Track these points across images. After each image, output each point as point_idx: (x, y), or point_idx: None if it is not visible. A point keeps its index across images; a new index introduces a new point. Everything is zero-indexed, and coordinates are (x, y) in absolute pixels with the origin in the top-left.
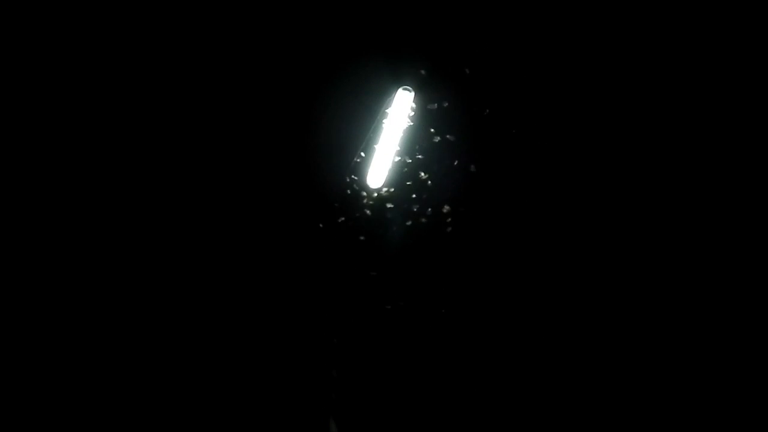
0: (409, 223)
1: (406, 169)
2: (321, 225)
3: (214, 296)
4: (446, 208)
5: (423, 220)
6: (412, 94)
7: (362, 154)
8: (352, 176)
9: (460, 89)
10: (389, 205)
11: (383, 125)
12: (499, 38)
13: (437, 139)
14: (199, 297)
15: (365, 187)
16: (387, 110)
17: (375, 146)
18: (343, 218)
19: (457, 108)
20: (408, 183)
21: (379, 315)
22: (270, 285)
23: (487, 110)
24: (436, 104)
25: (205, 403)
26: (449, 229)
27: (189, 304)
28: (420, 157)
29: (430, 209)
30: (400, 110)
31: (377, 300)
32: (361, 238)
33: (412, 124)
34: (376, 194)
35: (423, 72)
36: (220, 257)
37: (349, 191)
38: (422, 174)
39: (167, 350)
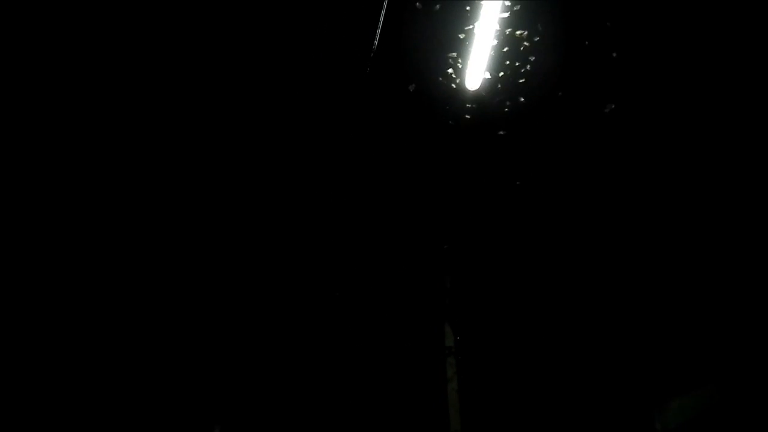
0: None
1: (501, 69)
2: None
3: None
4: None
5: (522, 115)
6: None
7: (455, 54)
8: (451, 75)
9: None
10: (487, 104)
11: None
12: None
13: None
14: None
15: (463, 87)
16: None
17: (471, 45)
18: (444, 120)
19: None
20: (505, 79)
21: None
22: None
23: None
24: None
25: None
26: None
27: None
28: (511, 54)
29: (527, 105)
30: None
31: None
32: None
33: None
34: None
35: None
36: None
37: (447, 91)
38: (519, 69)
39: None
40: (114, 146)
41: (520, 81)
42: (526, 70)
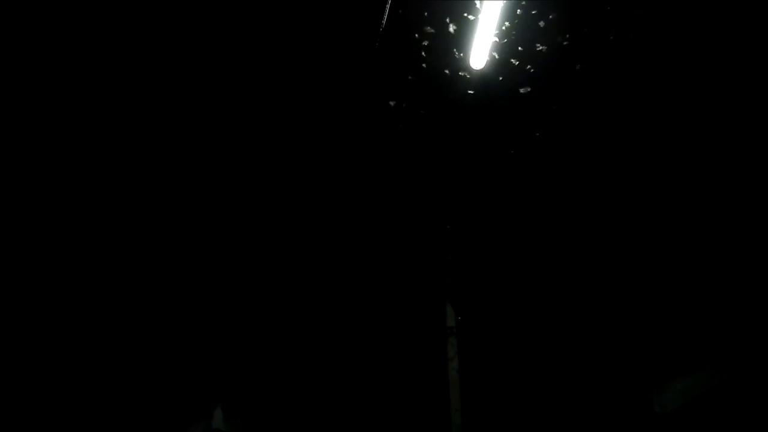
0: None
1: (505, 49)
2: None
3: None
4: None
5: (528, 96)
6: None
7: (453, 27)
8: (457, 53)
9: None
10: (493, 83)
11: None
12: None
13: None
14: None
15: (468, 67)
16: None
17: (474, 23)
18: (449, 97)
19: None
20: (511, 60)
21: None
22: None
23: None
24: None
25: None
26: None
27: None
28: (516, 34)
29: (532, 87)
30: None
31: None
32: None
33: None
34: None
35: None
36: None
37: (450, 71)
38: (523, 51)
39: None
40: (106, 144)
41: (528, 66)
42: (535, 52)
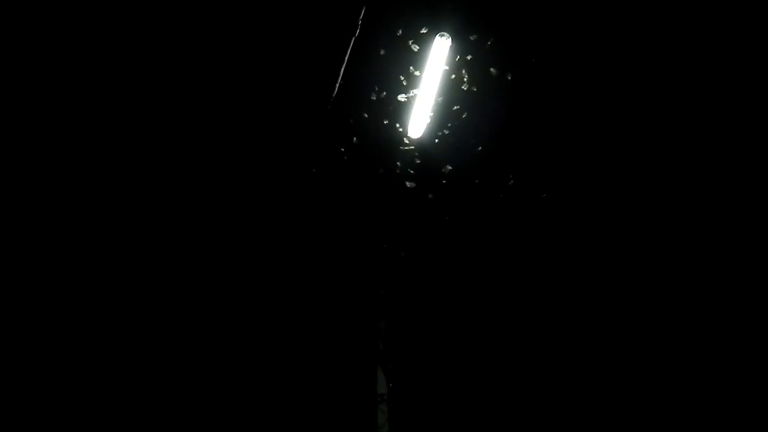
0: (446, 172)
1: (443, 118)
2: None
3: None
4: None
5: (460, 170)
6: (449, 40)
7: (404, 97)
8: (396, 125)
9: (499, 35)
10: (426, 155)
11: (421, 72)
12: None
13: (473, 87)
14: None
15: (406, 135)
16: (424, 56)
17: (414, 94)
18: (383, 169)
19: (494, 56)
20: (445, 132)
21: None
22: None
23: (532, 59)
24: (470, 56)
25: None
26: (478, 181)
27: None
28: (457, 107)
29: (465, 160)
30: (438, 57)
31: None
32: (407, 185)
33: (448, 70)
34: (413, 143)
35: (461, 18)
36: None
37: (390, 140)
38: (457, 123)
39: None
40: (94, 145)
41: (465, 132)
42: (470, 118)
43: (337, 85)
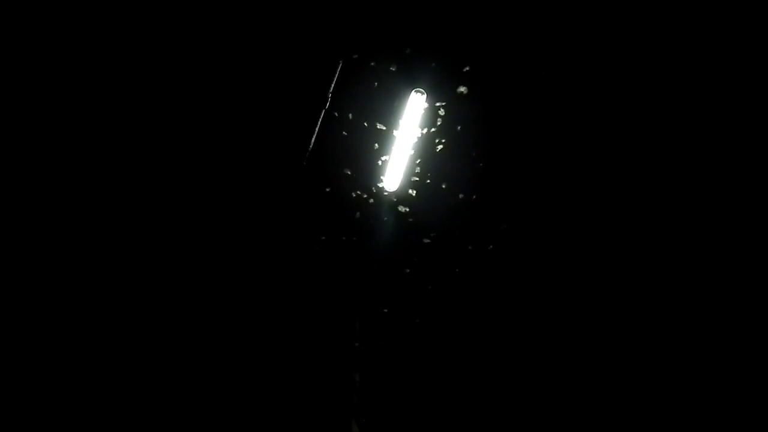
0: (426, 226)
1: (420, 172)
2: (342, 233)
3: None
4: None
5: (438, 223)
6: (425, 96)
7: (383, 158)
8: (376, 182)
9: (473, 90)
10: (405, 209)
11: (398, 128)
12: (508, 39)
13: (450, 141)
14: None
15: (382, 191)
16: (400, 113)
17: (391, 149)
18: (362, 222)
19: (470, 109)
20: (424, 185)
21: (401, 314)
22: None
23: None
24: (443, 108)
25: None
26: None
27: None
28: (434, 161)
29: (443, 213)
30: (414, 112)
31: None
32: (381, 240)
33: (425, 126)
34: (392, 197)
35: (435, 74)
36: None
37: (367, 196)
38: (436, 176)
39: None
40: (93, 145)
41: (442, 186)
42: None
43: (313, 138)
